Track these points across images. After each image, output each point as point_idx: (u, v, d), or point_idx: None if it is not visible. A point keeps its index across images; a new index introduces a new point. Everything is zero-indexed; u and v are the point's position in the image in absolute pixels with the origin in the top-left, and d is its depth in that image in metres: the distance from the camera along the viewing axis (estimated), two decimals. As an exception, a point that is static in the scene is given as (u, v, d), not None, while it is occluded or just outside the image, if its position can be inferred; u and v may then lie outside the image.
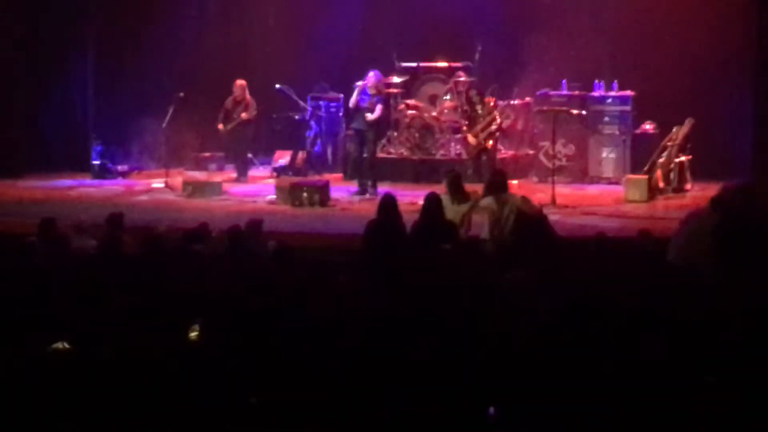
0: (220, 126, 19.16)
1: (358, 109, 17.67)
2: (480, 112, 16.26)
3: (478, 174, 17.26)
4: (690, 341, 7.28)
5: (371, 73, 17.61)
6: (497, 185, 12.69)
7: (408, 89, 20.11)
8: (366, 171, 17.65)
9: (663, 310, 7.93)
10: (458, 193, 12.92)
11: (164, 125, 18.55)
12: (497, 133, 16.39)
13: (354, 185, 17.88)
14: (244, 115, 19.13)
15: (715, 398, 6.68)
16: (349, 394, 6.72)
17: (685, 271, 9.80)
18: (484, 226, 12.38)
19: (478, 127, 16.12)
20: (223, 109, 19.22)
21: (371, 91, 17.53)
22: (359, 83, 17.73)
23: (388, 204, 12.00)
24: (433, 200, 12.13)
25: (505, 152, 18.78)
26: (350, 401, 6.67)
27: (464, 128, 16.76)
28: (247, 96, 19.23)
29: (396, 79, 19.96)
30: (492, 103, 16.32)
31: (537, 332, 7.51)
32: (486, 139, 16.07)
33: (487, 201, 12.47)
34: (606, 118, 18.83)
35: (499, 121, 16.04)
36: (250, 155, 19.98)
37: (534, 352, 7.14)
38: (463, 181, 13.46)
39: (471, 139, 16.26)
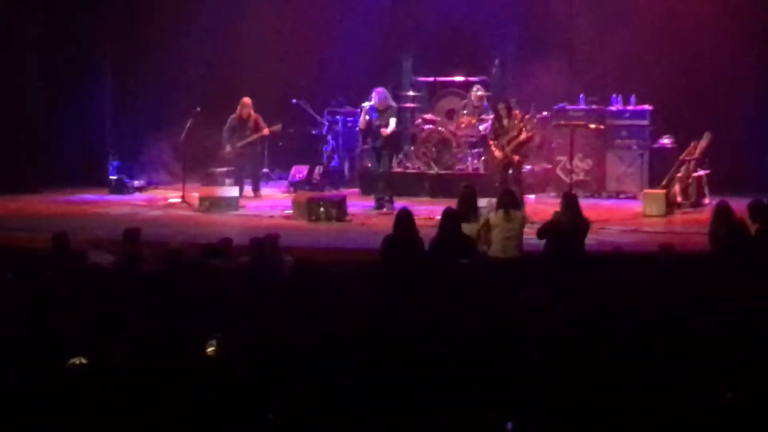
0: (228, 147, 18.93)
1: (370, 128, 17.64)
2: (506, 125, 16.13)
3: (505, 187, 17.12)
4: (709, 357, 7.24)
5: (374, 93, 17.56)
6: (507, 202, 12.91)
7: (425, 104, 20.10)
8: (382, 186, 17.63)
9: (680, 325, 7.90)
10: (471, 211, 12.97)
11: (181, 140, 18.51)
12: (524, 146, 16.26)
13: (371, 200, 17.85)
14: (266, 131, 19.04)
15: (733, 416, 6.65)
16: (367, 408, 6.69)
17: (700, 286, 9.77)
18: (495, 242, 12.54)
19: (505, 140, 16.01)
20: (228, 129, 18.97)
21: (380, 108, 17.49)
22: (365, 105, 17.69)
23: (405, 218, 12.00)
24: (449, 215, 12.18)
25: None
26: (368, 416, 6.64)
27: (491, 141, 16.65)
28: (253, 113, 19.13)
29: (412, 94, 19.97)
30: (519, 116, 16.18)
31: (554, 348, 7.48)
32: (513, 152, 15.94)
33: (498, 217, 12.57)
34: (624, 133, 18.78)
35: (526, 133, 15.91)
36: (266, 170, 19.97)
37: (551, 367, 7.11)
38: (477, 198, 13.46)
39: (497, 152, 16.14)
